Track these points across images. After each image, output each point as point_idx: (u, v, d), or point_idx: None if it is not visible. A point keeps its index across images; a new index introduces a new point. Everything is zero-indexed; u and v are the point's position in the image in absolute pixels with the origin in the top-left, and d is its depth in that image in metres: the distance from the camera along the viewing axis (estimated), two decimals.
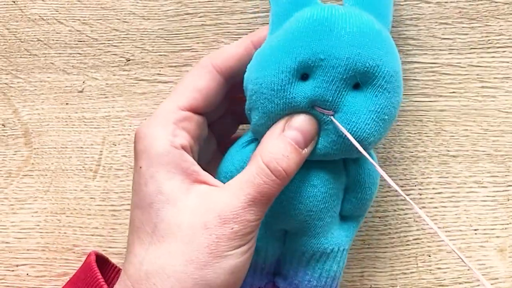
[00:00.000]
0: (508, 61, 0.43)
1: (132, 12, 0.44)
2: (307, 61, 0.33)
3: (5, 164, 0.45)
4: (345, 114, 0.34)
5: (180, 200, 0.34)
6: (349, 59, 0.33)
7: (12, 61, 0.44)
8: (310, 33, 0.34)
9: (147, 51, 0.44)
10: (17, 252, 0.44)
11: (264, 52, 0.35)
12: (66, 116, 0.44)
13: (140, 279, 0.33)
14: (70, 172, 0.44)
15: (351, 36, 0.33)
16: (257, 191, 0.33)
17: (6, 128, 0.45)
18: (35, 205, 0.45)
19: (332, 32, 0.33)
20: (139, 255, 0.34)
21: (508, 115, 0.43)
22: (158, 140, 0.35)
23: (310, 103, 0.34)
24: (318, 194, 0.36)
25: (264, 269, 0.39)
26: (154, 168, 0.34)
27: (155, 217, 0.34)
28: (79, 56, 0.44)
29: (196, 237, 0.33)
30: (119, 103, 0.44)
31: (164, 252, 0.33)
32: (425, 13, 0.43)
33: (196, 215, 0.33)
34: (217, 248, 0.33)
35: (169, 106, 0.36)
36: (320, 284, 0.38)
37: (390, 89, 0.35)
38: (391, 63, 0.35)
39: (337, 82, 0.34)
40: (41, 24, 0.44)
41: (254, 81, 0.35)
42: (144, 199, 0.34)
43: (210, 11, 0.43)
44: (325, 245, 0.37)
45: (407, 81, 0.43)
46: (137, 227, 0.35)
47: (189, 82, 0.37)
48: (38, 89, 0.44)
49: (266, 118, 0.35)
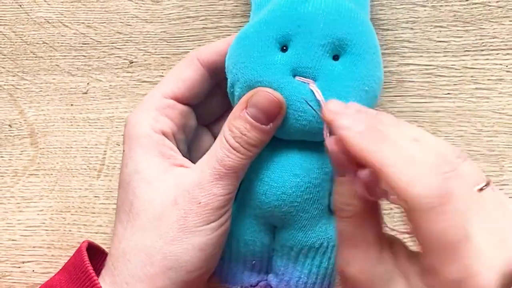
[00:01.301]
0: (502, 63, 0.43)
1: (135, 15, 0.44)
2: (285, 29, 0.34)
3: (12, 164, 0.45)
4: (325, 82, 0.34)
5: (155, 179, 0.34)
6: (326, 24, 0.34)
7: (18, 63, 0.45)
8: (287, 5, 0.34)
9: (150, 54, 0.44)
10: (23, 249, 0.45)
11: (243, 30, 0.36)
12: (71, 117, 0.45)
13: (118, 257, 0.34)
14: (75, 171, 0.45)
15: (327, 6, 0.34)
16: (221, 165, 0.34)
17: (12, 128, 0.45)
18: (41, 204, 0.45)
19: (308, 2, 0.34)
20: (118, 234, 0.35)
21: (501, 116, 0.43)
22: (139, 124, 0.36)
23: (290, 72, 0.34)
24: (301, 184, 0.35)
25: (255, 266, 0.38)
26: (133, 149, 0.36)
27: (131, 196, 0.35)
28: (83, 58, 0.45)
29: (166, 213, 0.33)
30: (123, 104, 0.44)
31: (138, 229, 0.34)
32: (420, 16, 0.43)
33: (168, 192, 0.34)
34: (185, 223, 0.33)
35: (154, 93, 0.37)
36: (311, 281, 0.37)
37: (369, 60, 0.35)
38: (367, 35, 0.35)
39: (316, 48, 0.34)
40: (47, 27, 0.45)
41: (234, 54, 0.35)
42: (124, 179, 0.35)
43: (211, 15, 0.44)
44: (313, 239, 0.36)
45: (403, 82, 0.43)
46: (118, 208, 0.36)
47: (174, 73, 0.38)
48: (44, 90, 0.45)
49: (247, 89, 0.35)
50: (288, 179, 0.35)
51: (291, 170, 0.35)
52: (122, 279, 0.33)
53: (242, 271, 0.38)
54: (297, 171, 0.35)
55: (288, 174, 0.35)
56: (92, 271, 0.34)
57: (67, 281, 0.35)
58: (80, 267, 0.35)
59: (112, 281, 0.34)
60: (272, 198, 0.36)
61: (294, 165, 0.36)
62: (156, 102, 0.37)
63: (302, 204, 0.36)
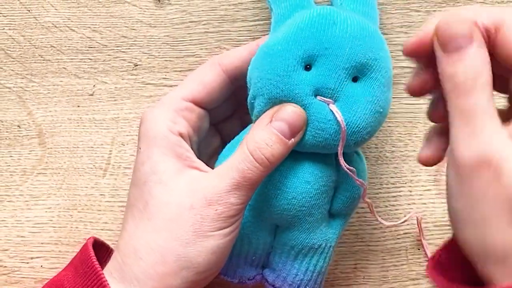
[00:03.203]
0: None
1: (140, 20, 0.45)
2: (312, 50, 0.34)
3: (20, 163, 0.45)
4: (345, 103, 0.35)
5: (171, 181, 0.35)
6: (351, 49, 0.34)
7: (27, 66, 0.45)
8: (316, 25, 0.35)
9: (154, 57, 0.45)
10: (31, 246, 0.45)
11: (269, 44, 0.35)
12: (78, 118, 0.45)
13: (128, 253, 0.34)
14: (81, 171, 0.45)
15: (352, 29, 0.35)
16: (241, 176, 0.34)
17: (21, 129, 0.46)
18: (49, 201, 0.45)
19: (336, 25, 0.35)
20: (130, 230, 0.35)
21: None
22: (157, 124, 0.36)
23: (312, 91, 0.35)
24: (311, 191, 0.36)
25: (254, 261, 0.39)
26: (151, 149, 0.36)
27: (147, 195, 0.35)
28: (89, 61, 0.45)
29: (182, 216, 0.34)
30: (128, 106, 0.45)
31: (152, 228, 0.34)
32: (414, 21, 0.44)
33: (184, 196, 0.34)
34: (201, 227, 0.34)
35: (173, 95, 0.38)
36: (307, 278, 0.39)
37: (385, 83, 0.36)
38: (386, 59, 0.36)
39: (339, 71, 0.35)
40: (54, 31, 0.45)
41: (259, 68, 0.35)
42: (140, 178, 0.36)
43: (213, 19, 0.44)
44: (314, 240, 0.38)
45: (398, 85, 0.44)
46: (131, 204, 0.36)
47: (195, 76, 0.38)
48: (51, 92, 0.45)
49: (270, 105, 0.35)
50: (299, 185, 0.36)
51: (303, 177, 0.36)
52: (132, 276, 0.34)
53: (242, 266, 0.40)
54: (308, 178, 0.36)
55: (300, 180, 0.36)
56: (98, 266, 0.34)
57: (74, 276, 0.35)
58: (87, 263, 0.35)
59: (121, 277, 0.34)
60: (282, 202, 0.37)
61: (306, 172, 0.37)
62: (175, 103, 0.37)
63: (309, 209, 0.37)
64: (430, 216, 0.44)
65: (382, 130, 0.44)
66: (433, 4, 0.44)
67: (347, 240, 0.44)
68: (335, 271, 0.44)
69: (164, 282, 0.34)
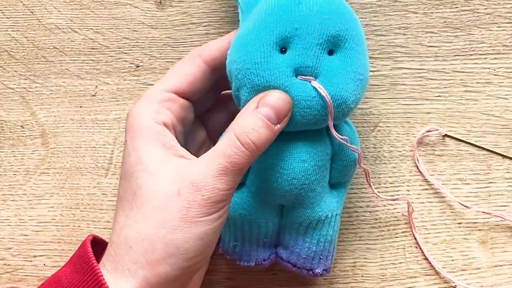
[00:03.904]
0: (490, 67, 0.44)
1: (141, 22, 0.45)
2: (283, 32, 0.35)
3: (24, 163, 0.46)
4: (326, 78, 0.36)
5: (158, 169, 0.35)
6: (321, 24, 0.35)
7: (30, 67, 0.46)
8: (282, 8, 0.35)
9: (155, 58, 0.45)
10: (34, 244, 0.45)
11: (242, 34, 0.36)
12: (80, 118, 0.46)
13: (120, 244, 0.35)
14: (83, 170, 0.46)
15: (318, 5, 0.35)
16: (228, 161, 0.34)
17: (24, 129, 0.46)
18: (52, 201, 0.46)
19: (301, 3, 0.35)
20: (120, 222, 0.35)
21: (489, 117, 0.44)
22: (141, 116, 0.36)
23: (292, 72, 0.35)
24: (309, 168, 0.37)
25: (266, 243, 0.40)
26: (136, 140, 0.36)
27: (135, 185, 0.35)
28: (92, 62, 0.45)
29: (170, 203, 0.34)
30: (129, 106, 0.45)
31: (141, 218, 0.34)
32: (412, 22, 0.44)
33: (171, 183, 0.34)
34: (188, 213, 0.34)
35: (156, 88, 0.38)
36: (319, 249, 0.40)
37: (360, 51, 0.36)
38: (357, 27, 0.36)
39: (314, 47, 0.35)
40: (57, 33, 0.45)
41: (237, 60, 0.36)
42: (127, 169, 0.36)
43: (213, 21, 0.45)
44: (320, 213, 0.39)
45: (396, 85, 0.44)
46: (121, 196, 0.36)
47: (176, 69, 0.39)
48: (54, 93, 0.46)
49: (254, 93, 0.35)
50: (297, 166, 0.37)
51: (299, 157, 0.37)
52: (124, 266, 0.34)
53: (255, 250, 0.40)
54: (304, 157, 0.37)
55: (297, 161, 0.37)
56: (95, 261, 0.34)
57: (71, 272, 0.35)
58: (84, 258, 0.35)
59: (113, 268, 0.34)
60: (283, 184, 0.37)
61: (301, 151, 0.37)
62: (158, 95, 0.38)
63: (310, 185, 0.38)
64: (427, 215, 0.45)
65: (380, 130, 0.45)
66: (431, 6, 0.44)
67: (345, 239, 0.45)
68: (334, 269, 0.45)
69: (154, 270, 0.34)
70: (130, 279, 0.34)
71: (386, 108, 0.45)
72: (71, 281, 0.35)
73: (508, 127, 0.45)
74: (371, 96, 0.45)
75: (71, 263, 0.36)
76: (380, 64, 0.44)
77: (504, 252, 0.45)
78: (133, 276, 0.34)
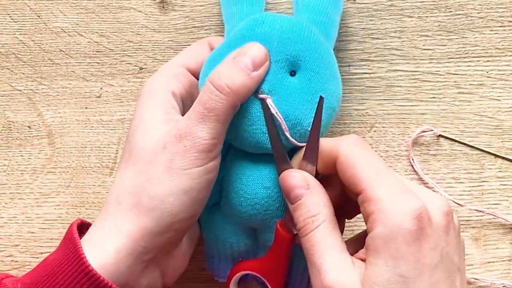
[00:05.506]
0: (482, 69, 0.45)
1: (145, 25, 0.46)
2: None
3: (31, 162, 0.46)
4: (280, 96, 0.35)
5: (153, 127, 0.35)
6: (279, 42, 0.35)
7: (37, 69, 0.46)
8: (247, 27, 0.36)
9: (158, 61, 0.46)
10: (41, 241, 0.46)
11: (215, 50, 0.38)
12: (86, 119, 0.46)
13: (110, 201, 0.35)
14: (89, 169, 0.46)
15: (281, 25, 0.36)
16: (204, 107, 0.34)
17: (31, 129, 0.46)
18: (58, 199, 0.46)
19: (264, 23, 0.36)
20: (116, 180, 0.36)
21: (482, 118, 0.45)
22: (153, 84, 0.38)
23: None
24: (272, 195, 0.37)
25: (243, 260, 0.40)
26: (142, 104, 0.37)
27: (132, 144, 0.36)
28: (97, 65, 0.46)
29: (156, 157, 0.34)
30: (133, 107, 0.45)
31: (133, 174, 0.35)
32: (407, 26, 0.45)
33: (161, 138, 0.35)
34: (171, 165, 0.34)
35: (169, 63, 0.40)
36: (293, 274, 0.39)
37: (323, 75, 0.36)
38: (320, 51, 0.36)
39: (272, 65, 0.35)
40: (63, 36, 0.46)
41: (206, 73, 0.36)
42: (130, 130, 0.37)
43: (215, 25, 0.45)
44: None
45: (392, 87, 0.45)
46: (121, 158, 0.37)
47: (188, 49, 0.41)
48: (60, 94, 0.46)
49: None
50: (259, 191, 0.37)
51: (262, 183, 0.37)
52: (111, 222, 0.34)
53: (228, 267, 0.40)
54: (267, 184, 0.37)
55: (259, 187, 0.37)
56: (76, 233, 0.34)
57: (57, 249, 0.36)
58: (67, 235, 0.36)
59: (101, 226, 0.35)
60: (247, 209, 0.37)
61: (264, 178, 0.37)
62: (171, 68, 0.39)
63: (275, 211, 0.37)
64: None
65: (376, 130, 0.45)
66: (426, 10, 0.45)
67: (344, 237, 0.44)
68: None
69: (138, 224, 0.33)
70: (113, 241, 0.34)
71: (382, 109, 0.45)
72: (55, 257, 0.35)
73: (500, 127, 0.45)
74: (367, 97, 0.45)
75: (59, 246, 0.37)
76: (376, 67, 0.45)
77: (496, 249, 0.45)
78: (118, 231, 0.34)
